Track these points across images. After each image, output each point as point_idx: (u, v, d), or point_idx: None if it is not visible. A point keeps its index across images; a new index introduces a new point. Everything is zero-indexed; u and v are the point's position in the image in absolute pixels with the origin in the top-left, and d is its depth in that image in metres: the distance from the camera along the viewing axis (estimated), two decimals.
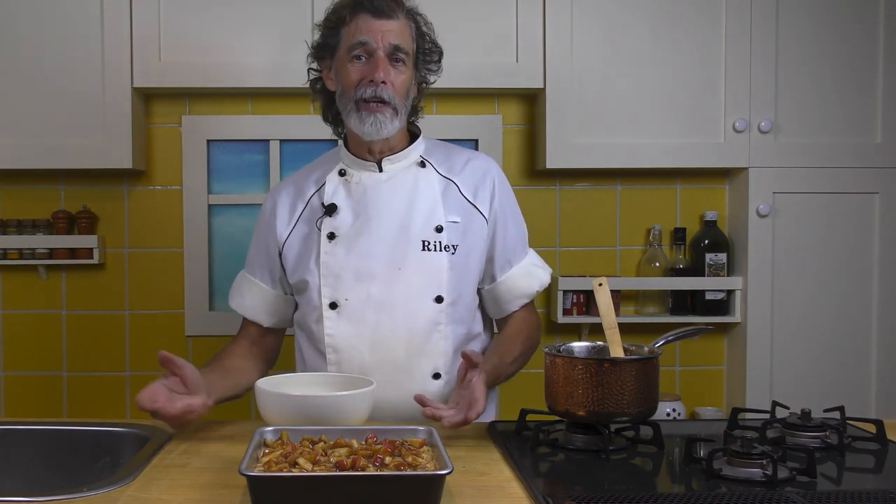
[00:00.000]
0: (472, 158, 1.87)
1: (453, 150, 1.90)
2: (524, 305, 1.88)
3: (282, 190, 1.88)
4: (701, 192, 2.75)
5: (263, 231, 1.87)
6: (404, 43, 1.73)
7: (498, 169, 1.88)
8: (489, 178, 1.83)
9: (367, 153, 1.80)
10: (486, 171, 1.84)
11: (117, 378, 2.68)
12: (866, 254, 2.58)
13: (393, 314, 1.74)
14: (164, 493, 1.26)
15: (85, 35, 2.42)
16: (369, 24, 1.71)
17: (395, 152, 1.81)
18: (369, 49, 1.71)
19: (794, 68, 2.54)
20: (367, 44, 1.71)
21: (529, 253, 1.91)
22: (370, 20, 1.71)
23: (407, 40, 1.74)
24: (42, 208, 2.64)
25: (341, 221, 1.78)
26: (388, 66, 1.71)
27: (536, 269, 1.89)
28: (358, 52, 1.72)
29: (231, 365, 1.78)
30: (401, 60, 1.73)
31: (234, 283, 1.93)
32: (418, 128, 1.88)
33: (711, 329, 1.81)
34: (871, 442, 1.52)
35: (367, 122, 1.71)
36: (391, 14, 1.72)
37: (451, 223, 1.77)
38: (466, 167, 1.84)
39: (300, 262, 1.80)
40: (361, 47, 1.71)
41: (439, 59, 1.84)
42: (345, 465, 1.19)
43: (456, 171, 1.83)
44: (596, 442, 1.48)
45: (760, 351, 2.58)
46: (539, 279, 1.89)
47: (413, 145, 1.83)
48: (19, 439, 1.62)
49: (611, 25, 2.51)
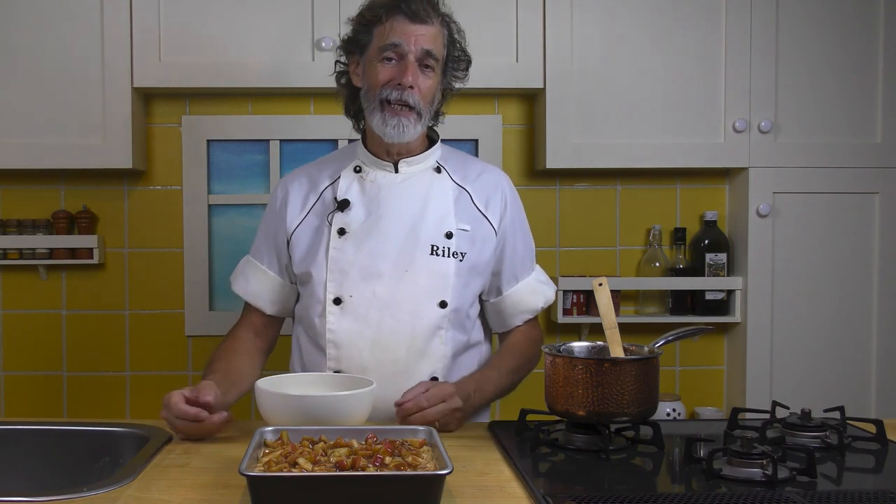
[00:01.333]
0: (486, 170, 1.89)
1: (469, 159, 1.92)
2: (527, 321, 1.89)
3: (294, 180, 1.88)
4: (701, 192, 2.75)
5: (273, 218, 1.87)
6: (436, 49, 1.73)
7: (511, 184, 1.89)
8: (501, 192, 1.85)
9: (384, 153, 1.81)
10: (498, 184, 1.86)
11: (117, 378, 2.68)
12: (866, 254, 2.58)
13: (396, 315, 1.74)
14: (164, 493, 1.26)
15: (85, 35, 2.42)
16: (404, 27, 1.71)
17: (412, 155, 1.81)
18: (401, 52, 1.71)
19: (794, 68, 2.54)
20: (399, 46, 1.71)
21: (536, 269, 1.92)
22: (406, 23, 1.71)
23: (439, 47, 1.74)
24: (42, 208, 2.64)
25: (353, 218, 1.78)
26: (417, 70, 1.71)
27: (542, 286, 1.90)
28: (389, 53, 1.72)
29: (236, 368, 1.77)
30: (430, 66, 1.73)
31: (238, 267, 1.92)
32: (437, 133, 1.88)
33: (711, 329, 1.81)
34: (871, 442, 1.53)
35: (390, 123, 1.72)
36: (426, 19, 1.72)
37: (461, 230, 1.78)
38: (480, 178, 1.86)
39: (308, 255, 1.80)
40: (393, 49, 1.71)
41: (466, 68, 1.84)
42: (345, 465, 1.19)
43: (470, 180, 1.85)
44: (596, 442, 1.48)
45: (760, 351, 2.58)
46: (544, 296, 1.90)
47: (431, 150, 1.84)
48: (19, 439, 1.62)
49: (611, 25, 2.51)
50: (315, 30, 2.44)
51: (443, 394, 1.59)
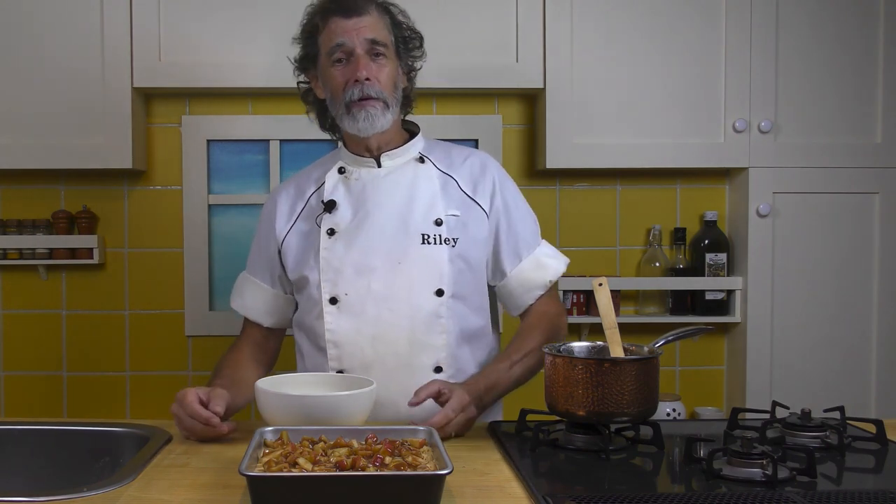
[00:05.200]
0: (470, 155, 1.88)
1: (452, 147, 1.92)
2: (541, 297, 1.86)
3: (282, 190, 1.90)
4: (701, 192, 2.75)
5: (264, 231, 1.89)
6: (380, 36, 1.74)
7: (497, 164, 1.88)
8: (489, 174, 1.84)
9: (365, 150, 1.82)
10: (484, 166, 1.85)
11: (117, 378, 2.68)
12: (866, 254, 2.58)
13: (394, 308, 1.74)
14: (164, 493, 1.26)
15: (85, 35, 2.42)
16: (342, 25, 1.73)
17: (392, 148, 1.82)
18: (347, 49, 1.73)
19: (794, 68, 2.54)
20: (344, 44, 1.73)
21: (542, 244, 1.89)
22: (342, 21, 1.73)
23: (383, 32, 1.76)
24: (42, 208, 2.64)
25: (341, 217, 1.78)
26: (368, 62, 1.73)
27: (548, 260, 1.86)
28: (337, 54, 1.74)
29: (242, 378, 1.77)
30: (381, 54, 1.74)
31: (236, 284, 1.94)
32: (416, 126, 1.89)
33: (711, 329, 1.81)
34: (871, 442, 1.52)
35: (359, 118, 1.73)
36: (361, 11, 1.73)
37: (450, 216, 1.78)
38: (465, 163, 1.85)
39: (300, 259, 1.81)
40: (340, 49, 1.73)
41: (420, 45, 1.85)
42: (345, 465, 1.19)
43: (455, 166, 1.84)
44: (596, 442, 1.48)
45: (760, 351, 2.58)
46: (552, 269, 1.86)
47: (412, 142, 1.85)
48: (19, 439, 1.62)
49: (611, 25, 2.51)
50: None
51: (461, 404, 1.58)
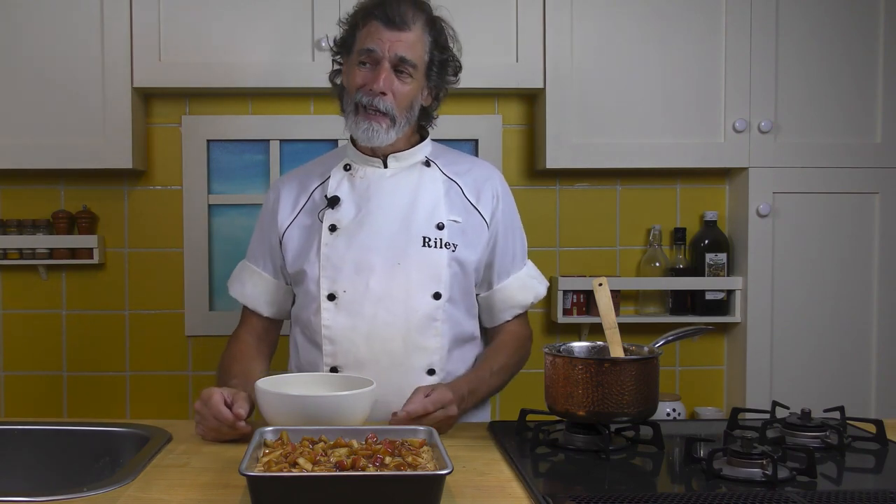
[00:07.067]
0: (476, 165, 1.90)
1: (459, 155, 1.92)
2: (517, 317, 1.89)
3: (286, 182, 1.90)
4: (701, 192, 2.75)
5: (266, 221, 1.89)
6: (413, 55, 1.73)
7: (501, 178, 1.90)
8: (492, 186, 1.85)
9: (372, 150, 1.81)
10: (489, 178, 1.86)
11: (117, 378, 2.68)
12: (866, 254, 2.58)
13: (391, 308, 1.74)
14: (164, 493, 1.26)
15: (85, 35, 2.42)
16: (379, 33, 1.71)
17: (399, 150, 1.82)
18: (375, 57, 1.72)
19: (794, 68, 2.54)
20: (373, 52, 1.72)
21: (528, 265, 1.92)
22: (381, 29, 1.71)
23: (418, 53, 1.74)
24: (42, 208, 2.64)
25: (343, 214, 1.79)
26: (391, 76, 1.72)
27: (533, 281, 1.90)
28: (364, 57, 1.73)
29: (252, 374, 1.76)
30: (407, 72, 1.73)
31: (235, 271, 1.93)
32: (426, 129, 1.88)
33: (711, 329, 1.81)
34: (871, 442, 1.53)
35: (360, 127, 1.74)
36: (404, 26, 1.71)
37: (452, 222, 1.79)
38: (470, 172, 1.86)
39: (300, 253, 1.81)
40: (367, 54, 1.72)
41: (455, 73, 1.83)
42: (345, 465, 1.19)
43: (461, 173, 1.85)
44: (596, 442, 1.48)
45: (760, 351, 2.58)
46: (535, 291, 1.90)
47: (420, 145, 1.84)
48: (19, 439, 1.62)
49: (611, 25, 2.51)
50: (315, 30, 2.44)
51: (443, 400, 1.58)
